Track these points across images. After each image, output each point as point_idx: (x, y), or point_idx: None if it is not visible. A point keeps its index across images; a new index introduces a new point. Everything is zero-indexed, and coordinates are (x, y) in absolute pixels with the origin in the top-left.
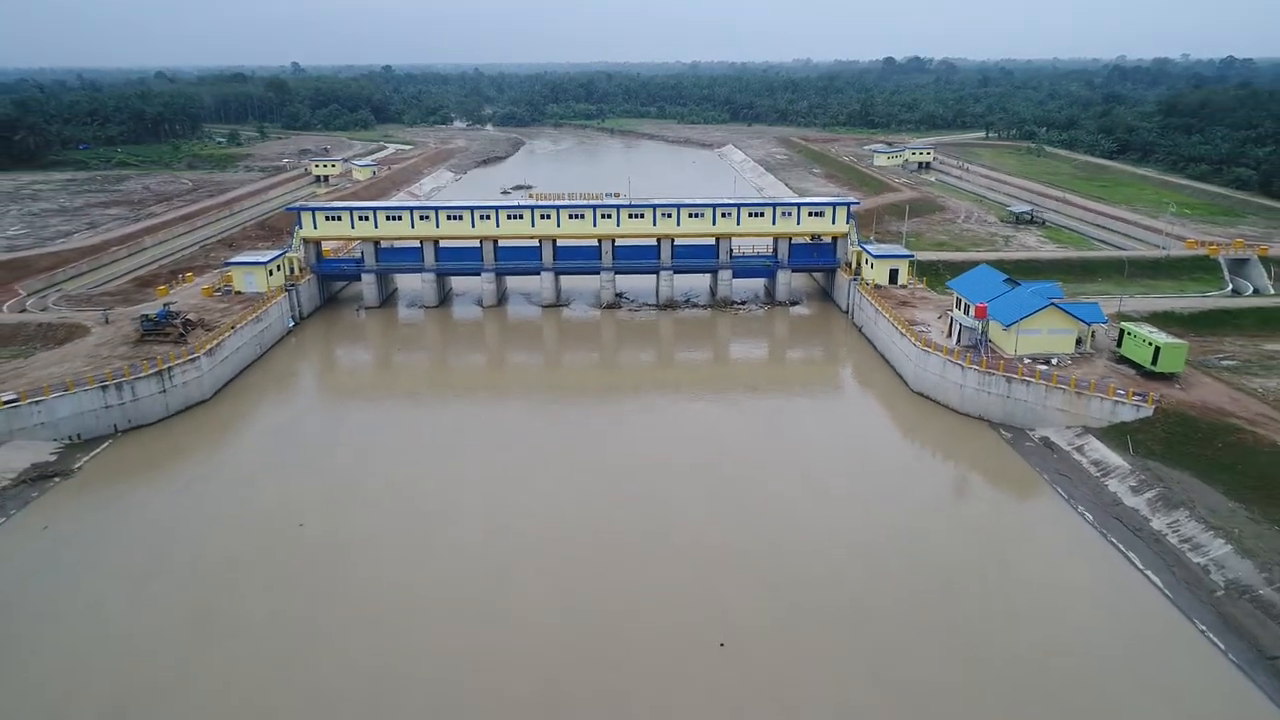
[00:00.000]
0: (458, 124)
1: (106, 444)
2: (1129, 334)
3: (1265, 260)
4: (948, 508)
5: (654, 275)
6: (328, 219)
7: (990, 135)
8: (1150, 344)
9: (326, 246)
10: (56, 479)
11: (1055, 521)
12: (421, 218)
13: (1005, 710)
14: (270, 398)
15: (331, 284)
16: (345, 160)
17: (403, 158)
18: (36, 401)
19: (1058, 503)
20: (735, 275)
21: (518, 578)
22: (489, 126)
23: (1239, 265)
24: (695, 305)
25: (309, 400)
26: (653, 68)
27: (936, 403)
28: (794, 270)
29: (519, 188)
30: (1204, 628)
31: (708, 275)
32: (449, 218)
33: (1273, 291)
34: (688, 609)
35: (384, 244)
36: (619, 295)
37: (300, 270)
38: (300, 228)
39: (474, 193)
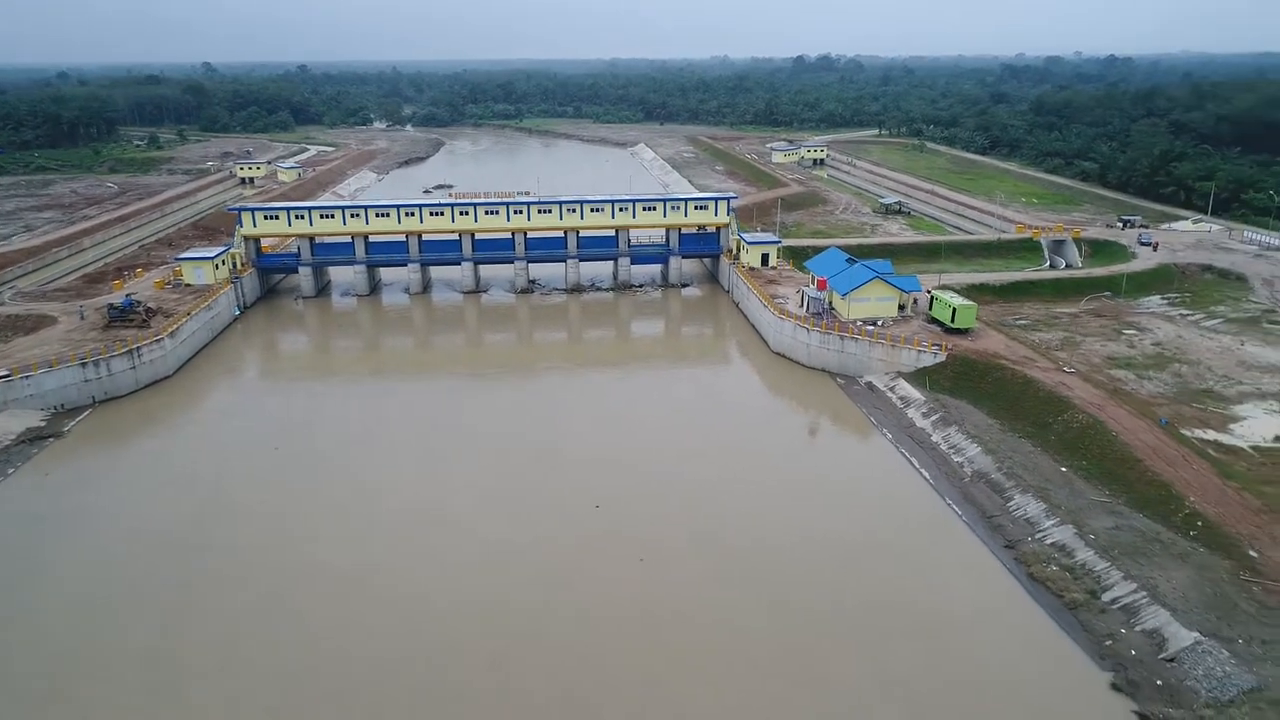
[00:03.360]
0: (378, 125)
1: (88, 412)
2: (936, 299)
3: (1078, 241)
4: (788, 436)
5: (563, 263)
6: (266, 218)
7: (883, 133)
8: (950, 306)
9: (265, 243)
10: (50, 439)
11: (865, 441)
12: (352, 215)
13: (794, 531)
14: (226, 372)
15: (271, 276)
16: (269, 163)
17: (326, 159)
18: (26, 376)
19: (869, 428)
20: (633, 262)
21: (453, 488)
22: (409, 127)
23: (1058, 246)
24: (599, 289)
25: (260, 374)
26: (572, 64)
27: (790, 360)
28: (684, 256)
29: (440, 187)
30: (950, 502)
31: (610, 262)
32: (377, 215)
33: (1080, 266)
34: (582, 496)
35: (318, 240)
36: (532, 281)
37: (243, 265)
38: (241, 226)
39: (397, 192)
